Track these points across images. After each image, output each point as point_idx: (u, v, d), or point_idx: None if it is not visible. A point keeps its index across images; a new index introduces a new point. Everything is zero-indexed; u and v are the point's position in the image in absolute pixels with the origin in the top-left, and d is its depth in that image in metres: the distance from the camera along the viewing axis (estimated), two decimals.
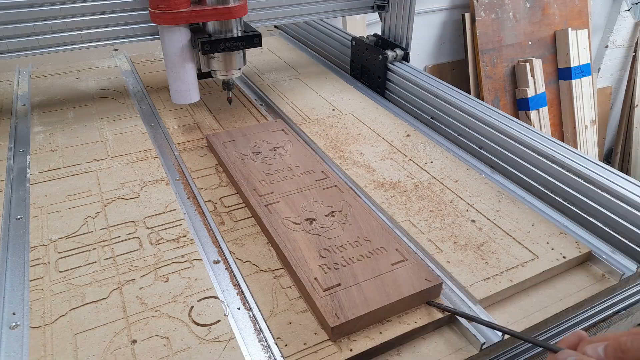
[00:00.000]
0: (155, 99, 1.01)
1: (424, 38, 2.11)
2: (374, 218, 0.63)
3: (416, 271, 0.55)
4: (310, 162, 0.76)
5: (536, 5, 2.21)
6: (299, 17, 1.02)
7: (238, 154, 0.77)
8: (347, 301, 0.51)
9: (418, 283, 0.53)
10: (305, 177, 0.72)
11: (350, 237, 0.60)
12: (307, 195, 0.68)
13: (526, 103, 2.23)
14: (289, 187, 0.70)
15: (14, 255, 0.60)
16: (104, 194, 0.72)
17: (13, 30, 0.80)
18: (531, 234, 0.64)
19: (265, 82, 1.10)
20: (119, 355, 0.48)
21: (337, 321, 0.49)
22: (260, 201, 0.67)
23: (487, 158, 0.81)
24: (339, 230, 0.62)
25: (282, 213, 0.65)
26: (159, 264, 0.59)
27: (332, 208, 0.66)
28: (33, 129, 0.89)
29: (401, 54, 1.03)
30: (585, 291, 0.57)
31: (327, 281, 0.54)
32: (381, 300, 0.51)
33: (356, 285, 0.53)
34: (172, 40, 0.77)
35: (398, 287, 0.53)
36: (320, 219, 0.64)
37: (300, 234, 0.61)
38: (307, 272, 0.55)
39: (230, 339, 0.50)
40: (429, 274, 0.54)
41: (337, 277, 0.54)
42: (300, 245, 0.59)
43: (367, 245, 0.59)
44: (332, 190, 0.69)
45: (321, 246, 0.59)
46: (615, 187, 0.63)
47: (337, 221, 0.63)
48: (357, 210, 0.65)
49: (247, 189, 0.69)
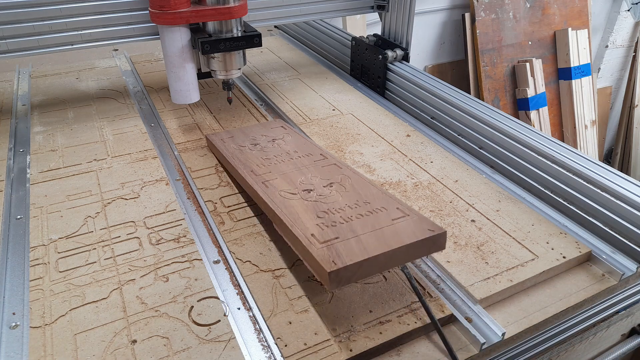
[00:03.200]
0: (155, 99, 1.01)
1: (424, 38, 2.11)
2: (373, 186, 0.61)
3: (418, 223, 0.52)
4: (309, 147, 0.74)
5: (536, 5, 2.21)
6: (299, 17, 1.02)
7: (236, 146, 0.77)
8: (345, 250, 0.48)
9: (420, 232, 0.51)
10: (304, 159, 0.70)
11: (349, 201, 0.58)
12: (305, 172, 0.66)
13: (526, 103, 2.23)
14: (287, 167, 0.68)
15: (14, 255, 0.60)
16: (104, 194, 0.72)
17: (13, 30, 0.80)
18: (531, 234, 0.64)
19: (265, 82, 1.10)
20: (119, 355, 0.48)
21: (334, 266, 0.46)
22: (257, 179, 0.65)
23: (487, 158, 0.81)
24: (336, 197, 0.59)
25: (280, 187, 0.62)
26: (159, 264, 0.59)
27: (330, 180, 0.63)
28: (33, 129, 0.89)
29: (401, 54, 1.03)
30: (585, 291, 0.57)
31: (324, 236, 0.51)
32: (380, 247, 0.49)
33: (355, 237, 0.51)
34: (172, 40, 0.77)
35: (399, 235, 0.50)
36: (318, 189, 0.61)
37: (297, 202, 0.59)
38: (303, 230, 0.52)
39: (230, 339, 0.50)
40: (431, 225, 0.52)
41: (334, 232, 0.52)
42: (297, 210, 0.57)
43: (367, 206, 0.57)
44: (331, 167, 0.67)
45: (319, 209, 0.56)
46: (615, 187, 0.63)
47: (336, 190, 0.61)
48: (356, 181, 0.63)
49: (244, 171, 0.68)
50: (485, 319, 0.52)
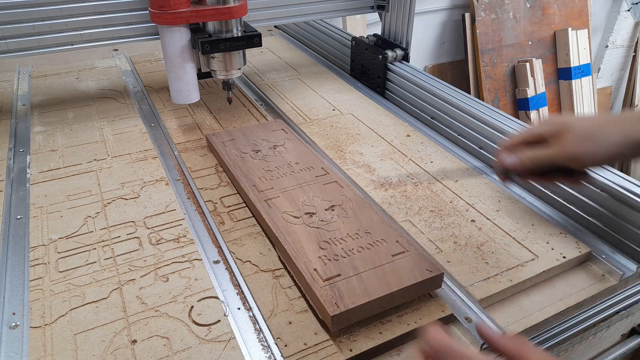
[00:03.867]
0: (155, 99, 1.01)
1: (424, 38, 2.11)
2: (374, 212, 0.63)
3: (417, 261, 0.55)
4: (310, 159, 0.76)
5: (536, 5, 2.21)
6: (299, 17, 1.02)
7: (238, 152, 0.77)
8: (347, 291, 0.51)
9: (419, 273, 0.53)
10: (305, 173, 0.72)
11: (350, 229, 0.60)
12: (307, 191, 0.68)
13: (526, 103, 2.23)
14: (289, 182, 0.70)
15: (14, 255, 0.60)
16: (104, 194, 0.72)
17: (13, 30, 0.80)
18: (531, 234, 0.64)
19: (265, 82, 1.10)
20: (119, 355, 0.48)
21: (337, 310, 0.48)
22: (259, 197, 0.67)
23: (487, 158, 0.81)
24: (338, 224, 0.61)
25: (282, 207, 0.64)
26: (159, 264, 0.59)
27: (331, 202, 0.65)
28: (33, 129, 0.89)
29: (401, 54, 1.02)
30: (585, 291, 0.57)
31: (327, 272, 0.53)
32: (382, 289, 0.51)
33: (356, 275, 0.53)
34: (172, 40, 0.77)
35: (399, 276, 0.52)
36: (320, 212, 0.63)
37: (299, 227, 0.61)
38: (306, 264, 0.54)
39: (230, 339, 0.50)
40: (429, 265, 0.54)
41: (337, 268, 0.54)
42: (300, 237, 0.59)
43: (367, 237, 0.59)
44: (332, 186, 0.69)
45: (321, 238, 0.59)
46: (615, 187, 0.63)
47: (337, 215, 0.63)
48: (357, 205, 0.65)
49: (246, 185, 0.69)
50: (485, 319, 0.52)
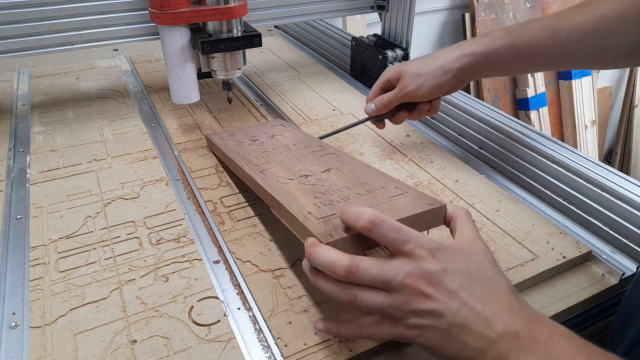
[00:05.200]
0: (155, 99, 1.01)
1: (424, 38, 2.11)
2: (372, 169, 0.61)
3: (417, 199, 0.51)
4: (308, 140, 0.74)
5: (536, 5, 2.21)
6: (299, 17, 1.02)
7: (236, 142, 0.77)
8: (342, 224, 0.47)
9: (419, 206, 0.49)
10: (303, 150, 0.70)
11: (347, 183, 0.58)
12: (303, 161, 0.66)
13: (526, 103, 2.23)
14: (285, 157, 0.68)
15: (14, 255, 0.60)
16: (104, 194, 0.72)
17: (13, 30, 0.80)
18: (531, 234, 0.64)
19: (265, 82, 1.10)
20: (119, 355, 0.48)
21: (330, 239, 0.45)
22: (255, 168, 0.65)
23: (487, 158, 0.81)
24: (334, 179, 0.59)
25: (277, 174, 0.63)
26: (159, 264, 0.59)
27: (328, 167, 0.63)
28: (33, 129, 0.89)
29: (401, 54, 1.03)
30: (585, 291, 0.57)
31: (321, 213, 0.51)
32: None
33: None
34: (172, 40, 0.77)
35: (397, 210, 0.49)
36: (316, 174, 0.61)
37: (294, 185, 0.59)
38: (300, 209, 0.52)
39: (230, 339, 0.50)
40: (431, 200, 0.50)
41: (332, 210, 0.51)
42: (295, 192, 0.56)
43: (365, 186, 0.56)
44: (330, 156, 0.67)
45: (316, 191, 0.56)
46: (615, 187, 0.63)
47: (334, 174, 0.61)
48: (354, 165, 0.62)
49: (242, 162, 0.68)
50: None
